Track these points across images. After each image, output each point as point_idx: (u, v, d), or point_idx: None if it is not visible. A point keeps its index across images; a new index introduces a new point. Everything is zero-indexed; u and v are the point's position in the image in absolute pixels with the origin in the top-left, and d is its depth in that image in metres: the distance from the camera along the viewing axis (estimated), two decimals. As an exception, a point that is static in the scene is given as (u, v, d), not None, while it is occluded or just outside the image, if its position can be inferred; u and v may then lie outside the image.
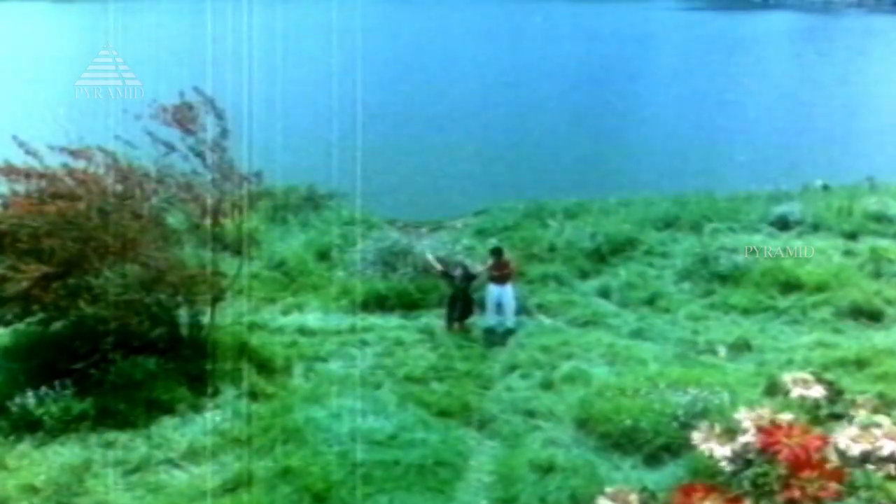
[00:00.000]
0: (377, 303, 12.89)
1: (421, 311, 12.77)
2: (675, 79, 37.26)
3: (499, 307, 11.99)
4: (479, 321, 12.10)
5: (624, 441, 8.53)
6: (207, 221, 8.59)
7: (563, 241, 15.40)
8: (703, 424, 2.51)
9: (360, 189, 18.78)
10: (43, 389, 7.58)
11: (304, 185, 17.86)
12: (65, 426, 7.44)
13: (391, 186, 18.81)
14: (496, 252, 12.61)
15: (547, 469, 7.62)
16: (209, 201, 8.63)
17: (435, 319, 12.44)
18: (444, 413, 9.37)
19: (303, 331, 11.84)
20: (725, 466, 2.41)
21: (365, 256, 14.14)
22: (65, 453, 7.03)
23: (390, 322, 12.42)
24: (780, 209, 16.53)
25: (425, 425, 8.61)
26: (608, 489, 2.25)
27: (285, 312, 12.59)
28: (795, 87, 35.04)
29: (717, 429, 2.29)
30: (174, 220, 8.91)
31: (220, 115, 8.83)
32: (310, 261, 14.46)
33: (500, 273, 12.10)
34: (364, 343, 11.58)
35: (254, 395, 8.53)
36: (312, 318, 12.35)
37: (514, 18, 54.09)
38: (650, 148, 25.34)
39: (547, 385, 10.26)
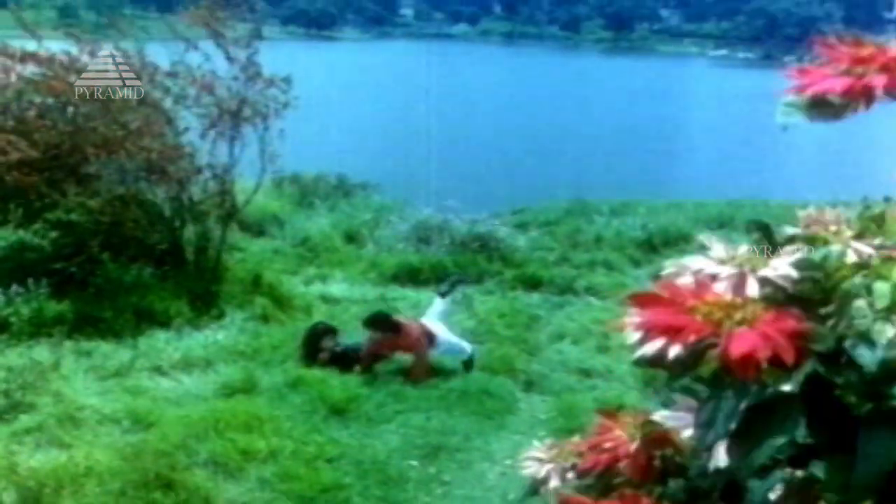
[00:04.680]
0: (409, 276, 11.63)
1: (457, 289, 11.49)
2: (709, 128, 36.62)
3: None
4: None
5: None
6: (226, 122, 7.39)
7: (612, 231, 14.23)
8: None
9: (394, 183, 17.92)
10: (14, 288, 6.32)
11: (335, 175, 17.04)
12: (35, 330, 6.15)
13: (426, 184, 17.99)
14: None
15: (617, 408, 6.20)
16: (230, 103, 7.47)
17: (474, 293, 11.17)
18: (486, 369, 8.02)
19: (325, 298, 10.55)
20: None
21: (397, 232, 12.99)
22: (31, 355, 5.73)
23: (423, 295, 11.16)
24: (842, 216, 15.19)
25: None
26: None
27: (307, 283, 11.33)
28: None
29: None
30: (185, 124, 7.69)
31: (253, 9, 7.74)
32: (337, 238, 13.29)
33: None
34: (395, 310, 10.29)
35: (265, 318, 7.25)
36: (336, 289, 11.06)
37: (565, 65, 55.88)
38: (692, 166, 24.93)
39: (603, 349, 8.87)
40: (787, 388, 0.96)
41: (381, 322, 6.91)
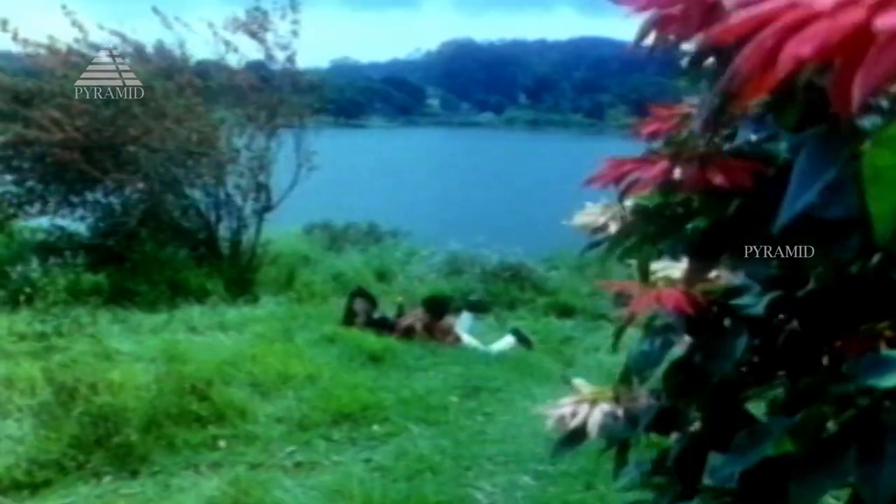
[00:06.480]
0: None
1: (490, 313, 11.38)
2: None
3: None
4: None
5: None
6: (262, 118, 7.51)
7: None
8: None
9: (422, 234, 17.99)
10: (51, 260, 6.34)
11: (366, 223, 17.20)
12: (72, 298, 6.12)
13: (456, 231, 18.09)
14: None
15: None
16: (268, 100, 7.62)
17: (507, 317, 11.05)
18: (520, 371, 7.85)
19: (357, 320, 10.48)
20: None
21: (428, 264, 12.98)
22: (66, 317, 5.69)
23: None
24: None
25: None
26: None
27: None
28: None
29: None
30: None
31: (294, 8, 7.95)
32: (368, 275, 13.27)
33: None
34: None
35: (300, 301, 7.19)
36: (370, 313, 11.01)
37: (589, 148, 57.91)
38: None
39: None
40: None
41: (439, 306, 6.99)
